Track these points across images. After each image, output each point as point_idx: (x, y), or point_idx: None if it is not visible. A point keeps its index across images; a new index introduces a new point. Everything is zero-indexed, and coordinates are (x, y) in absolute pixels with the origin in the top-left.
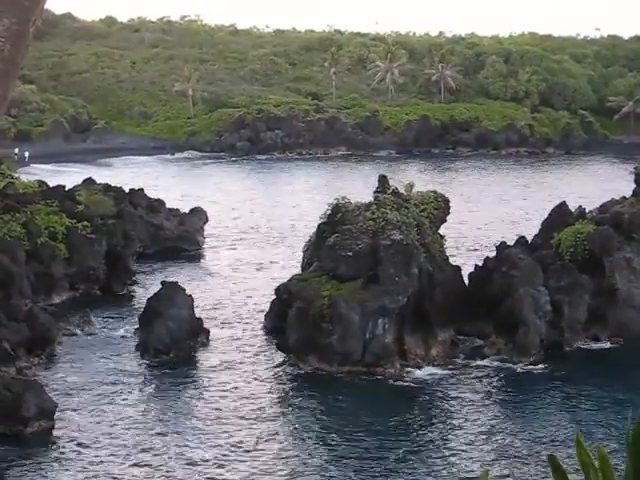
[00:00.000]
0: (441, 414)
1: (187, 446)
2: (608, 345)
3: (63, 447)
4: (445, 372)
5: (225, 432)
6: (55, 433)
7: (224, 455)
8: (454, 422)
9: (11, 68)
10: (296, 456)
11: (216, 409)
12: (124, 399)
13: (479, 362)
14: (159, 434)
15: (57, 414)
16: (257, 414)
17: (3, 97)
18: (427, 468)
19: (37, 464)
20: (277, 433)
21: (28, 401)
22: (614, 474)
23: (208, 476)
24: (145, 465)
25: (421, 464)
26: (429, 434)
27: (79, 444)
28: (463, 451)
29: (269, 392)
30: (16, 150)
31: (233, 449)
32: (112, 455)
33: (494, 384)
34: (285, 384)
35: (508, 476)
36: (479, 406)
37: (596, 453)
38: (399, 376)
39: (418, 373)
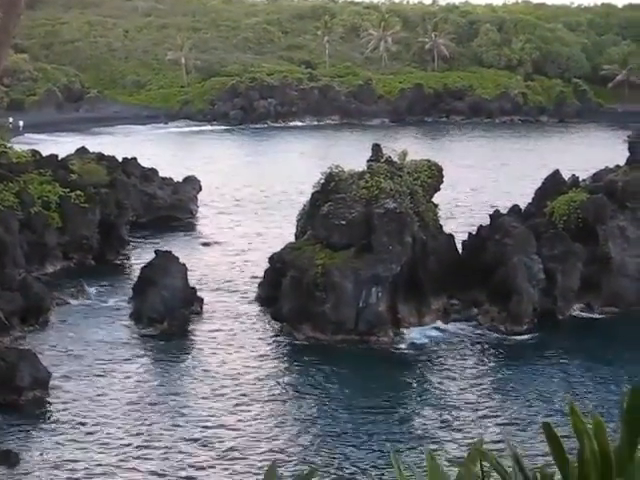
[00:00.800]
0: (435, 382)
1: (180, 414)
2: (601, 314)
3: (57, 416)
4: (438, 340)
5: (219, 401)
6: (49, 402)
7: (218, 424)
8: (448, 390)
9: (4, 37)
10: (292, 424)
11: (210, 377)
12: (118, 369)
13: (472, 330)
14: (152, 404)
15: (51, 383)
16: (251, 383)
17: None
18: (422, 433)
19: (31, 433)
20: (271, 400)
21: (22, 370)
22: (608, 441)
23: (202, 445)
24: (138, 434)
25: (416, 430)
26: (423, 402)
27: (73, 413)
28: (457, 418)
29: (263, 361)
30: (10, 119)
31: (227, 418)
32: (106, 424)
33: (487, 352)
34: (279, 352)
35: (501, 441)
36: (472, 374)
37: (591, 420)
38: (392, 344)
39: (411, 341)
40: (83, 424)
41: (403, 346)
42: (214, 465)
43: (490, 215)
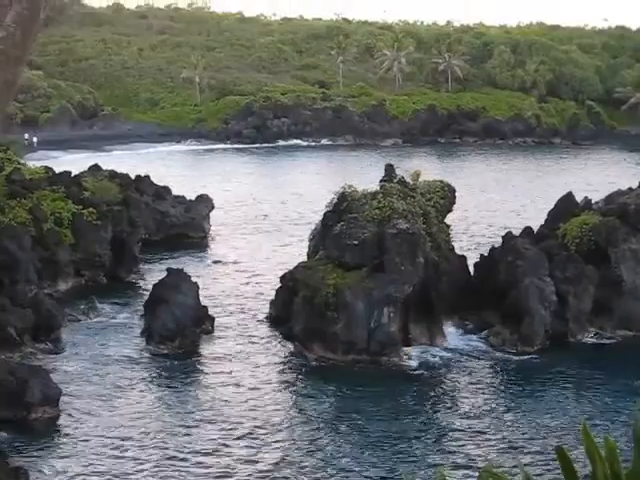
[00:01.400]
0: (446, 403)
1: (190, 435)
2: (613, 336)
3: (67, 433)
4: (449, 361)
5: (229, 420)
6: (59, 419)
7: (228, 444)
8: (459, 411)
9: (22, 54)
10: (303, 447)
11: (220, 397)
12: (128, 387)
13: (484, 351)
14: (163, 422)
15: (61, 400)
16: (261, 402)
17: (13, 82)
18: (433, 455)
19: (41, 450)
20: (281, 422)
21: (33, 387)
22: (621, 465)
23: (212, 465)
24: (148, 454)
25: (426, 451)
26: (434, 422)
27: (83, 431)
28: (469, 439)
29: (273, 380)
30: (26, 135)
31: (237, 438)
32: (115, 443)
33: (499, 374)
34: (289, 372)
35: (513, 464)
36: (484, 395)
37: (604, 444)
38: (404, 365)
39: (422, 362)
40: (93, 442)
41: (414, 366)
42: None
43: (502, 237)
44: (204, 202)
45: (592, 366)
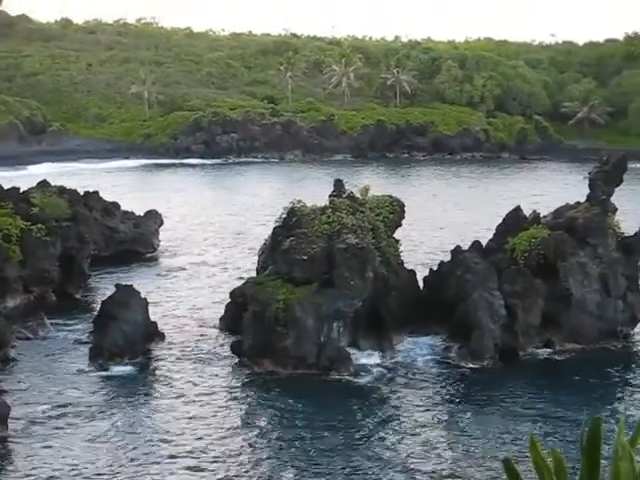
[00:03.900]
0: (395, 416)
1: (137, 449)
2: (562, 349)
3: (14, 450)
4: (399, 376)
5: (177, 436)
6: (7, 437)
7: (175, 460)
8: (408, 424)
9: None
10: (246, 457)
11: (169, 414)
12: (78, 405)
13: (433, 366)
14: (111, 442)
15: (9, 419)
16: (210, 418)
17: None
18: (381, 468)
19: None
20: (228, 436)
21: None
22: (567, 477)
23: None
24: (96, 468)
25: (375, 465)
26: (382, 436)
27: (31, 448)
28: (415, 453)
29: (222, 396)
30: None
31: (186, 452)
32: (64, 460)
33: (448, 387)
34: (239, 388)
35: (460, 477)
36: (433, 409)
37: (551, 456)
38: (353, 379)
39: (372, 377)
40: (42, 461)
41: (364, 381)
42: None
43: (451, 251)
44: (153, 217)
45: (541, 379)
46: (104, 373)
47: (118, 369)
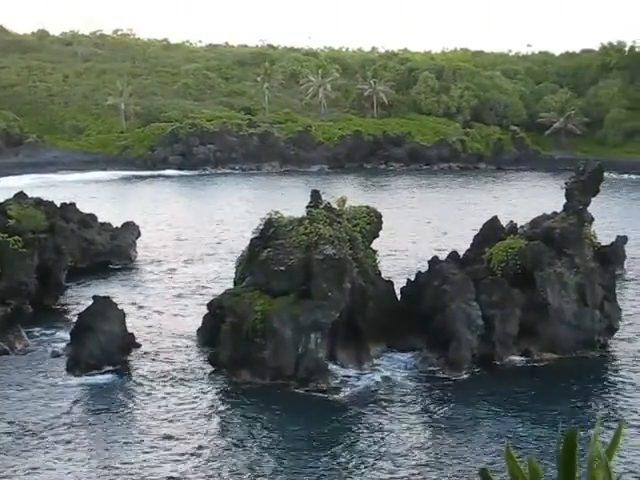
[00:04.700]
0: (372, 427)
1: (113, 462)
2: (539, 359)
3: None
4: (376, 387)
5: (153, 447)
6: None
7: (154, 471)
8: (384, 435)
9: None
10: (222, 468)
11: (146, 425)
12: (56, 417)
13: (411, 377)
14: (90, 449)
15: None
16: (186, 428)
17: None
18: (359, 478)
19: None
20: (205, 447)
21: None
22: None
23: None
24: None
25: (352, 475)
26: (358, 446)
27: (10, 469)
28: (393, 462)
29: (199, 407)
30: None
31: (163, 463)
32: (41, 475)
33: (425, 399)
34: (216, 399)
35: None
36: (410, 419)
37: (527, 465)
38: (331, 390)
39: (349, 388)
40: (17, 473)
41: (342, 392)
42: None
43: (428, 261)
44: (130, 229)
45: (518, 389)
46: (80, 385)
47: (95, 380)
